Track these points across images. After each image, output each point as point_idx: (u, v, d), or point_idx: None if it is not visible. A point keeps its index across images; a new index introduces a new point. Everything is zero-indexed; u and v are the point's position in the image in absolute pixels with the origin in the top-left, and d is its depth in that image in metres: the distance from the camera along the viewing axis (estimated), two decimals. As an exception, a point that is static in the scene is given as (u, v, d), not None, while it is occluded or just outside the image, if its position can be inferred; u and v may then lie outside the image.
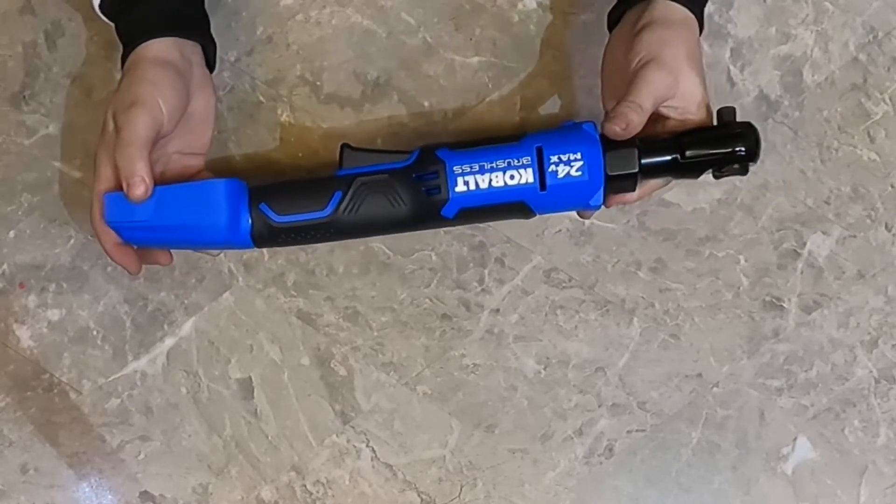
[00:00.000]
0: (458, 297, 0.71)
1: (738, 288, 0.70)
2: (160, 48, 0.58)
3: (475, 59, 0.69)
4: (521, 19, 0.69)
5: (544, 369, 0.71)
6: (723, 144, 0.57)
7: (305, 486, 0.72)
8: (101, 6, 0.61)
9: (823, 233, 0.70)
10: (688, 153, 0.57)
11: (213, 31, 0.64)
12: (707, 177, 0.59)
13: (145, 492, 0.72)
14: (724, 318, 0.71)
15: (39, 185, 0.70)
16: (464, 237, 0.70)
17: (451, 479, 0.72)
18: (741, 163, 0.57)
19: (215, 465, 0.72)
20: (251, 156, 0.69)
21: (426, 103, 0.69)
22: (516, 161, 0.57)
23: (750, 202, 0.70)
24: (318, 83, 0.69)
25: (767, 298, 0.70)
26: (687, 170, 0.57)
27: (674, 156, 0.57)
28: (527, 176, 0.56)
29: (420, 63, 0.69)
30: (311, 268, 0.71)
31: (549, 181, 0.56)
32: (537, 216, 0.59)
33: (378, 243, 0.70)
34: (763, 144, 0.57)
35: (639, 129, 0.56)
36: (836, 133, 0.69)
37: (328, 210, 0.58)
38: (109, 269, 0.70)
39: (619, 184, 0.57)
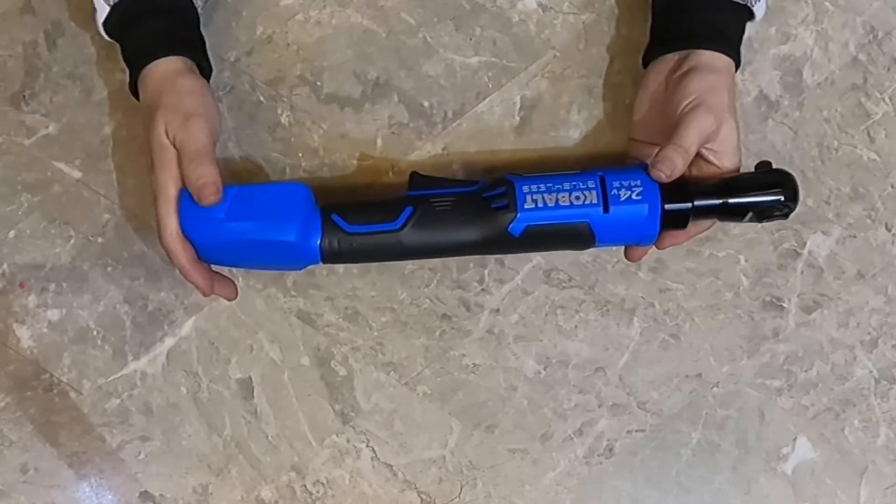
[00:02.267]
0: (458, 297, 0.71)
1: (738, 288, 0.70)
2: (175, 64, 0.60)
3: (475, 59, 0.69)
4: (521, 19, 0.69)
5: (544, 369, 0.71)
6: (767, 190, 0.59)
7: (305, 486, 0.72)
8: (104, 25, 0.61)
9: (823, 233, 0.70)
10: (735, 198, 0.59)
11: (213, 31, 0.64)
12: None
13: (145, 492, 0.72)
14: (724, 318, 0.71)
15: (39, 185, 0.70)
16: (464, 237, 0.70)
17: (451, 479, 0.72)
18: (782, 208, 0.59)
19: (215, 465, 0.72)
20: (251, 156, 0.69)
21: (426, 103, 0.69)
22: (581, 184, 0.59)
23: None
24: (318, 83, 0.69)
25: (767, 298, 0.70)
26: (733, 213, 0.60)
27: (723, 199, 0.59)
28: (591, 197, 0.59)
29: (420, 63, 0.69)
30: (311, 268, 0.71)
31: (611, 203, 0.59)
32: (595, 248, 0.61)
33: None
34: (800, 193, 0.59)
35: (682, 171, 0.58)
36: (836, 133, 0.69)
37: (398, 223, 0.59)
38: (109, 269, 0.70)
39: (673, 219, 0.59)
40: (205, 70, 0.63)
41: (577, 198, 0.59)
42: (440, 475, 0.72)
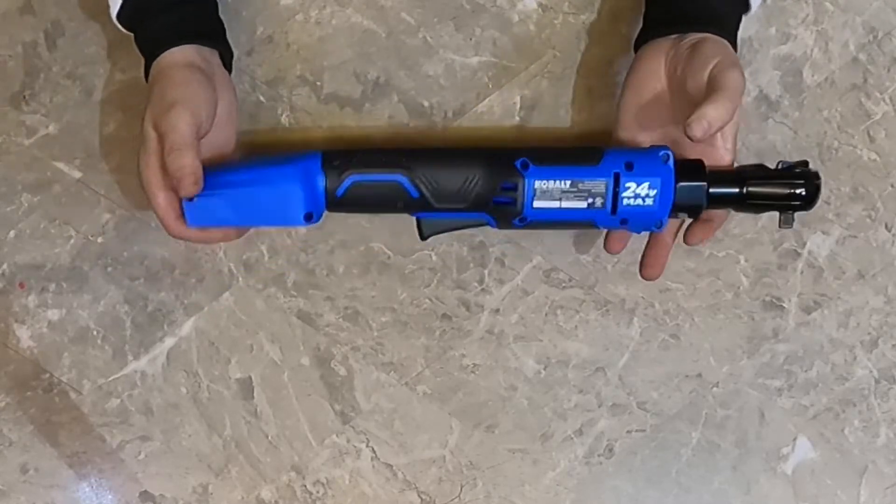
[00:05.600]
0: (458, 297, 0.71)
1: (738, 288, 0.70)
2: (183, 54, 0.59)
3: (475, 59, 0.69)
4: (521, 19, 0.69)
5: (544, 369, 0.71)
6: (783, 184, 0.58)
7: (305, 486, 0.72)
8: (118, 17, 0.61)
9: (823, 233, 0.70)
10: (749, 188, 0.58)
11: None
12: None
13: (145, 492, 0.72)
14: (724, 318, 0.71)
15: (39, 185, 0.70)
16: (464, 237, 0.70)
17: (451, 479, 0.72)
18: (799, 204, 0.58)
19: (215, 465, 0.72)
20: (251, 156, 0.69)
21: (426, 103, 0.69)
22: (593, 184, 0.58)
23: (750, 202, 0.70)
24: (318, 83, 0.69)
25: (767, 298, 0.70)
26: (748, 205, 0.59)
27: (738, 189, 0.58)
28: (600, 202, 0.58)
29: (420, 63, 0.69)
30: (311, 268, 0.71)
31: (620, 207, 0.58)
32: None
33: (378, 243, 0.70)
34: (821, 188, 0.58)
35: (720, 128, 0.55)
36: (836, 133, 0.69)
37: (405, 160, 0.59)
38: (109, 269, 0.70)
39: (687, 207, 0.58)
40: (224, 56, 0.63)
41: (586, 197, 0.57)
42: (440, 475, 0.72)
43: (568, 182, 0.57)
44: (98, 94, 0.69)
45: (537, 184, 0.57)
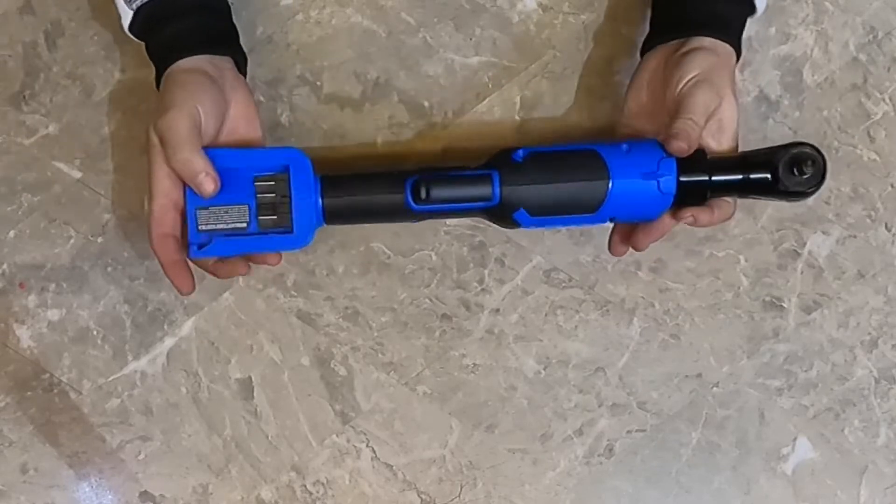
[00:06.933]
0: (458, 297, 0.71)
1: (738, 288, 0.70)
2: (191, 61, 0.59)
3: (475, 59, 0.69)
4: (521, 19, 0.69)
5: (544, 369, 0.71)
6: (789, 164, 0.57)
7: (305, 486, 0.72)
8: (130, 28, 0.61)
9: (823, 233, 0.70)
10: (756, 173, 0.57)
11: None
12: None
13: (145, 492, 0.72)
14: (724, 318, 0.71)
15: (39, 185, 0.70)
16: (464, 237, 0.70)
17: (451, 479, 0.72)
18: (807, 184, 0.57)
19: (215, 465, 0.72)
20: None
21: (426, 103, 0.69)
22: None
23: (750, 202, 0.70)
24: (318, 83, 0.69)
25: (767, 298, 0.71)
26: (754, 188, 0.58)
27: (744, 174, 0.58)
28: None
29: (420, 63, 0.69)
30: (311, 268, 0.71)
31: (619, 140, 0.59)
32: (612, 215, 0.59)
33: (378, 243, 0.70)
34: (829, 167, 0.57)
35: (696, 145, 0.57)
36: (836, 133, 0.69)
37: (401, 176, 0.59)
38: (109, 269, 0.70)
39: (691, 192, 0.58)
40: (238, 61, 0.63)
41: (580, 143, 0.59)
42: (440, 475, 0.72)
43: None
44: (98, 94, 0.69)
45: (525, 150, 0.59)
